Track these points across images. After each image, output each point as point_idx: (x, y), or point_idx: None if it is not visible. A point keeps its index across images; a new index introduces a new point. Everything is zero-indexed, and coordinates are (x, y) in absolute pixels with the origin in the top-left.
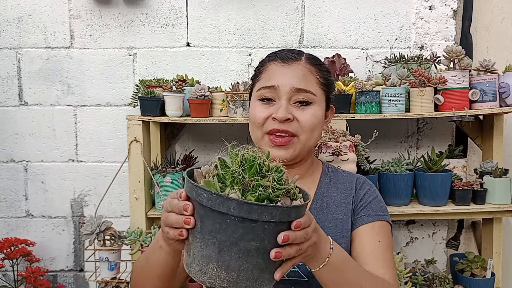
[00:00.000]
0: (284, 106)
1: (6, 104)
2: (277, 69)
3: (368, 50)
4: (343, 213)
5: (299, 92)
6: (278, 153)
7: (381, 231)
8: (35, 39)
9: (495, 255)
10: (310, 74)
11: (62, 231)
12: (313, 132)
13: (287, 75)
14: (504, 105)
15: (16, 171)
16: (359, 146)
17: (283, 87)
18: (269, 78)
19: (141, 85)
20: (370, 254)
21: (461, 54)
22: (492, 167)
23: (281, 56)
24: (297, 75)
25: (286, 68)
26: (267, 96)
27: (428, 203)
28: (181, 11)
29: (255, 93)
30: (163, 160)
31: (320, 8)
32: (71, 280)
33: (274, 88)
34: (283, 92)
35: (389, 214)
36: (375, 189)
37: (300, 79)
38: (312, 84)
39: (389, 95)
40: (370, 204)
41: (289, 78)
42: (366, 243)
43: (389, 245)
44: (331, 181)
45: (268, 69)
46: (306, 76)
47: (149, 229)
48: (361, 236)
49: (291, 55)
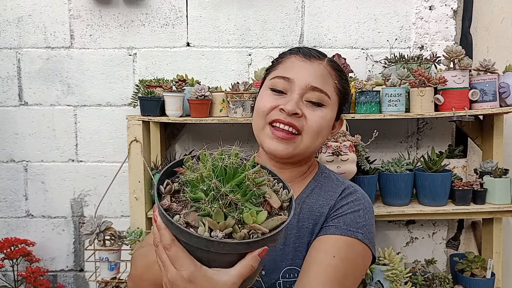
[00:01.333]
0: (295, 100)
1: (6, 104)
2: (297, 62)
3: (368, 50)
4: (313, 222)
5: (313, 91)
6: (277, 147)
7: (344, 248)
8: (35, 39)
9: (495, 255)
10: (330, 76)
11: (62, 231)
12: (318, 135)
13: (306, 70)
14: (504, 105)
15: (16, 171)
16: (359, 146)
17: (299, 82)
18: (287, 69)
19: (141, 85)
20: (315, 264)
21: (461, 54)
22: (492, 167)
23: (304, 51)
24: (316, 73)
25: (307, 63)
26: (279, 87)
27: (428, 203)
28: (181, 11)
29: (268, 81)
30: (163, 160)
31: (320, 8)
32: (71, 280)
33: (289, 81)
34: (298, 87)
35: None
36: (363, 204)
37: (318, 78)
38: (329, 87)
39: (389, 95)
40: (344, 217)
41: (307, 74)
42: (319, 253)
43: (348, 266)
44: (317, 187)
45: (288, 60)
46: (324, 77)
47: (149, 229)
48: (319, 245)
49: (314, 52)
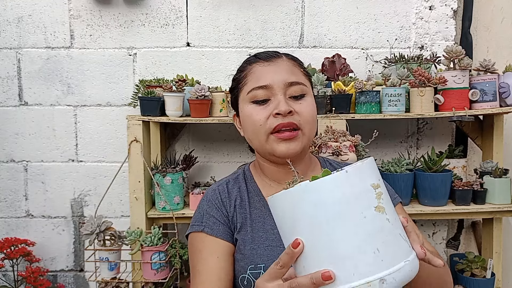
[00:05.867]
0: (283, 100)
1: (6, 104)
2: (263, 69)
3: (368, 50)
4: None
5: (292, 86)
6: (288, 147)
7: None
8: (35, 39)
9: (495, 255)
10: (295, 67)
11: (62, 231)
12: (314, 122)
13: (275, 71)
14: (504, 105)
15: (16, 171)
16: (359, 146)
17: (276, 84)
18: (258, 78)
19: (141, 85)
20: None
21: (461, 54)
22: (492, 167)
23: (262, 56)
24: (285, 70)
25: (272, 65)
26: (261, 97)
27: (428, 203)
28: (181, 11)
29: (245, 97)
30: (163, 160)
31: (320, 8)
32: (71, 280)
33: (267, 87)
34: (278, 89)
35: None
36: None
37: (289, 73)
38: (300, 76)
39: (389, 95)
40: None
41: (279, 74)
42: None
43: None
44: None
45: (253, 70)
46: (292, 70)
47: (149, 229)
48: None
49: (271, 53)
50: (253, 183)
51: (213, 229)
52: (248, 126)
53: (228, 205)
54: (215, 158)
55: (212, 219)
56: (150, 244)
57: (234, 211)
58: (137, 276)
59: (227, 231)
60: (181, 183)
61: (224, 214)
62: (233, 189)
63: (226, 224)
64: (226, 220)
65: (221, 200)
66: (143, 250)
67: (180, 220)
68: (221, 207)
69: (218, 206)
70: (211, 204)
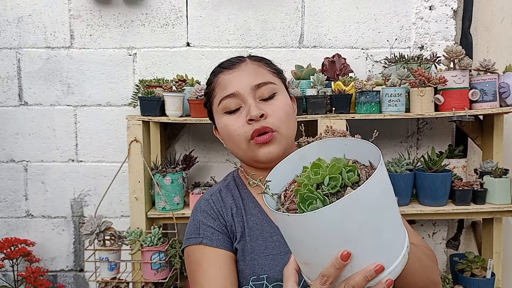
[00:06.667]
0: (253, 104)
1: (6, 104)
2: (227, 77)
3: (368, 50)
4: None
5: (260, 88)
6: (269, 150)
7: None
8: (35, 39)
9: (495, 255)
10: (260, 67)
11: (62, 231)
12: (289, 121)
13: (240, 77)
14: (504, 105)
15: (16, 171)
16: None
17: (243, 89)
18: (225, 87)
19: (141, 85)
20: None
21: (461, 54)
22: (492, 167)
23: (225, 65)
24: (249, 73)
25: (236, 71)
26: (232, 106)
27: (428, 203)
28: (181, 11)
29: (217, 109)
30: (163, 160)
31: (320, 8)
32: (71, 280)
33: (235, 95)
34: (246, 94)
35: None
36: None
37: (254, 75)
38: (267, 75)
39: (389, 95)
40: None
41: (243, 79)
42: None
43: None
44: None
45: (219, 81)
46: (257, 71)
47: (149, 229)
48: None
49: (234, 60)
50: (246, 189)
51: (212, 240)
52: (227, 138)
53: (225, 214)
54: (215, 158)
55: (209, 229)
56: (150, 244)
57: (232, 220)
58: (137, 276)
59: (226, 240)
60: (181, 183)
61: (222, 224)
62: (226, 197)
63: (225, 233)
64: (224, 229)
65: (217, 209)
66: (143, 250)
67: (180, 220)
68: (218, 217)
69: (214, 216)
70: (206, 215)
